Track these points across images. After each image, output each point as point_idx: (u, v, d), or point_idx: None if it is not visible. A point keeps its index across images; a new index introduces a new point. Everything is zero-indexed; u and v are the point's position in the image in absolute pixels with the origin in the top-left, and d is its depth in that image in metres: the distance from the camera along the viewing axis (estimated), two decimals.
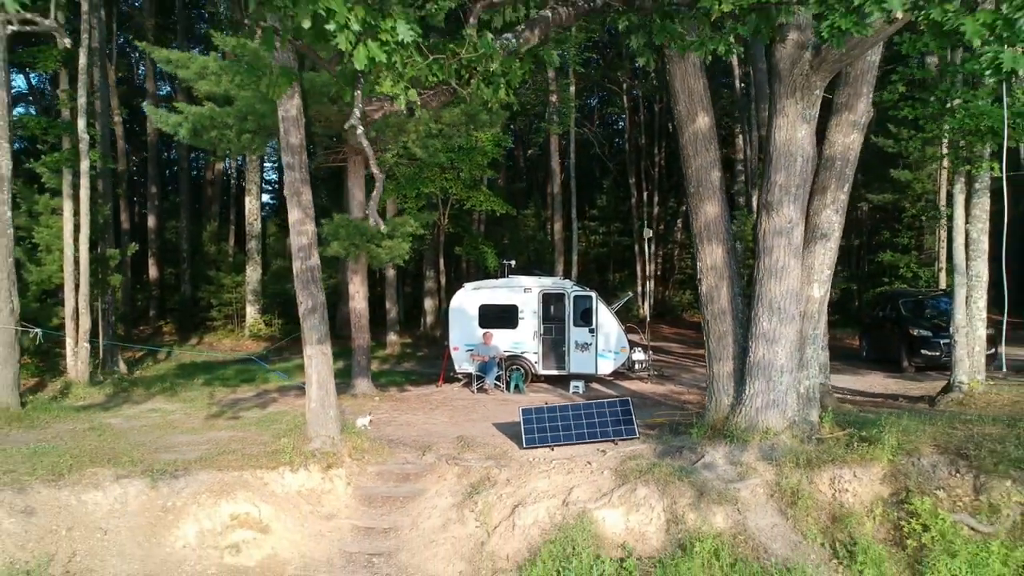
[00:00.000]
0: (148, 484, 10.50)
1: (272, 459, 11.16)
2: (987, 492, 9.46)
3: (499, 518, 10.08)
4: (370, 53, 4.27)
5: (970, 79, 12.27)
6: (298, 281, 11.73)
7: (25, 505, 9.96)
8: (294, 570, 9.91)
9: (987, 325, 19.00)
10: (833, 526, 9.50)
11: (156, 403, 16.82)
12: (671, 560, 9.00)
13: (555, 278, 21.82)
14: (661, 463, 10.38)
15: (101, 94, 21.76)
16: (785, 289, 10.02)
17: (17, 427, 14.09)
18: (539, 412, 12.08)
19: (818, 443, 10.45)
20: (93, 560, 9.62)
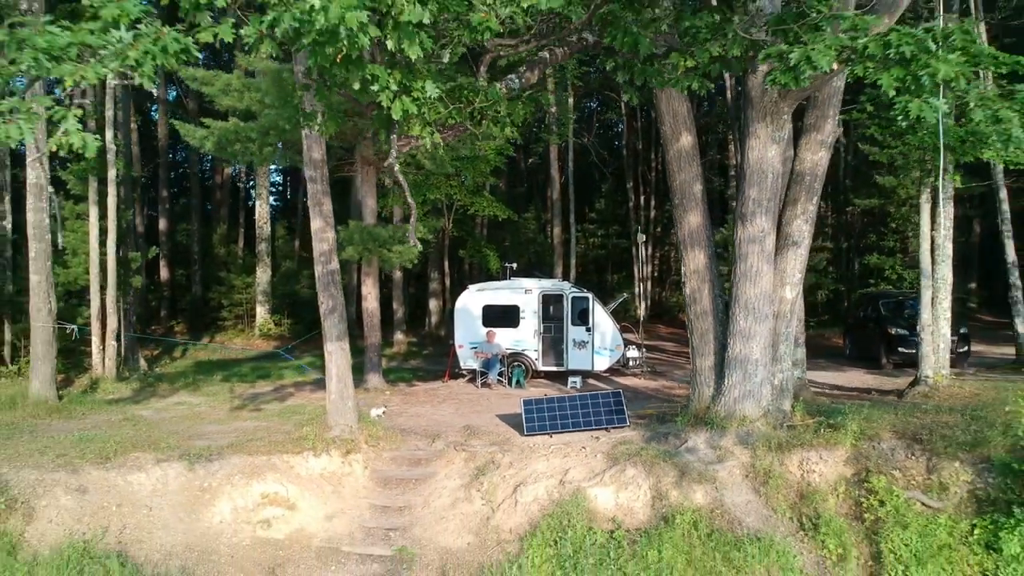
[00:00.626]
0: (186, 467, 11.65)
1: (296, 445, 12.31)
2: (938, 472, 10.64)
3: (502, 496, 11.23)
4: (404, 106, 5.41)
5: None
6: (320, 283, 12.88)
7: (79, 484, 11.11)
8: (319, 542, 11.06)
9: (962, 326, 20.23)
10: (800, 502, 10.67)
11: (181, 397, 17.96)
12: (655, 531, 10.17)
13: (554, 280, 22.96)
14: (648, 447, 11.54)
15: (123, 104, 22.90)
16: (759, 291, 11.18)
17: (57, 417, 15.25)
18: (539, 403, 13.24)
19: (789, 429, 11.62)
20: (141, 532, 10.77)
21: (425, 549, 10.84)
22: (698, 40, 6.64)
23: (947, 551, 9.98)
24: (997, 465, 10.45)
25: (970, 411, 12.03)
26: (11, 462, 11.48)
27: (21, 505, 10.57)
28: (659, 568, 9.79)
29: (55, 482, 11.04)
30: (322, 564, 10.72)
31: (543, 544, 10.29)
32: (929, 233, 14.52)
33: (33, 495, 10.76)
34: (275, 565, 10.65)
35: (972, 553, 9.95)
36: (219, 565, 10.56)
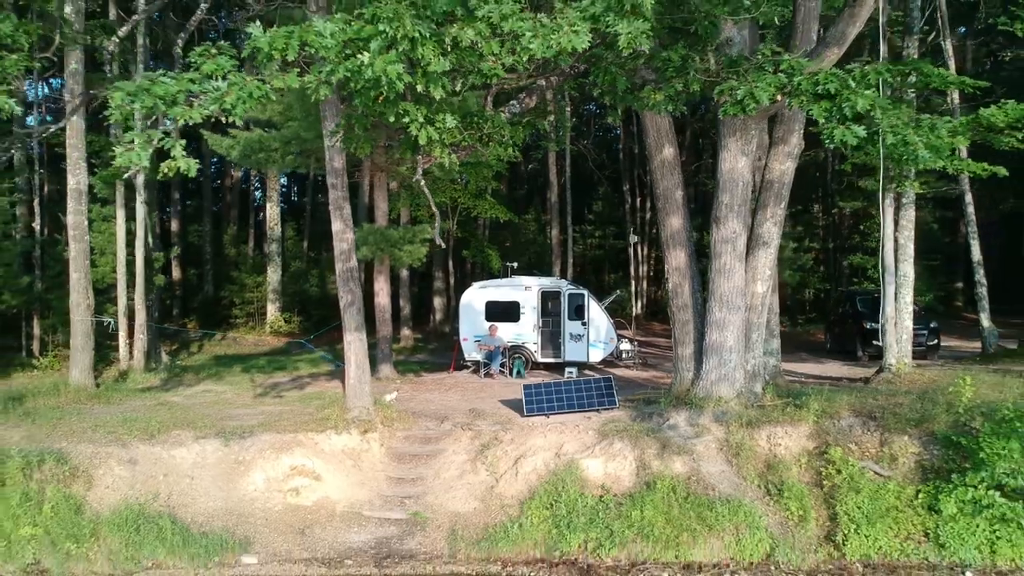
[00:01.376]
0: (222, 443, 13.08)
1: (320, 424, 13.74)
2: (889, 445, 12.08)
3: (504, 468, 12.65)
4: (429, 134, 6.81)
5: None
6: (340, 280, 14.31)
7: (129, 457, 12.55)
8: (343, 508, 12.48)
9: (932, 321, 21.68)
10: (767, 471, 12.10)
11: (206, 386, 19.37)
12: (639, 495, 11.61)
13: (552, 278, 24.40)
14: (634, 425, 12.98)
15: None
16: (732, 286, 12.62)
17: (96, 403, 16.66)
18: (538, 387, 14.67)
19: (760, 409, 13.06)
20: (185, 498, 12.20)
21: (436, 513, 12.26)
22: (666, 76, 8.04)
23: (894, 512, 11.40)
24: (940, 438, 11.90)
25: (920, 393, 13.47)
26: (67, 438, 12.93)
27: (82, 473, 12.01)
28: (641, 525, 11.23)
29: (109, 455, 12.48)
30: (346, 526, 12.15)
31: (540, 507, 11.72)
32: (892, 234, 15.94)
33: (91, 465, 12.20)
34: (304, 527, 12.07)
35: (916, 514, 11.38)
36: (255, 526, 11.98)
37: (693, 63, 7.85)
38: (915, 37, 15.81)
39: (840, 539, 11.25)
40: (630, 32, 5.95)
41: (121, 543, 11.24)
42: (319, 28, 6.01)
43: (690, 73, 7.86)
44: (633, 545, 11.26)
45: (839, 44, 10.38)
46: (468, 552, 11.53)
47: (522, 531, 11.56)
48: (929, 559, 11.06)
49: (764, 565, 11.12)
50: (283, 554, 11.56)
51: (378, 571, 11.24)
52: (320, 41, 5.97)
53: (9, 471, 11.52)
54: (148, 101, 5.85)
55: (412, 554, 11.56)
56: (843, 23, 10.31)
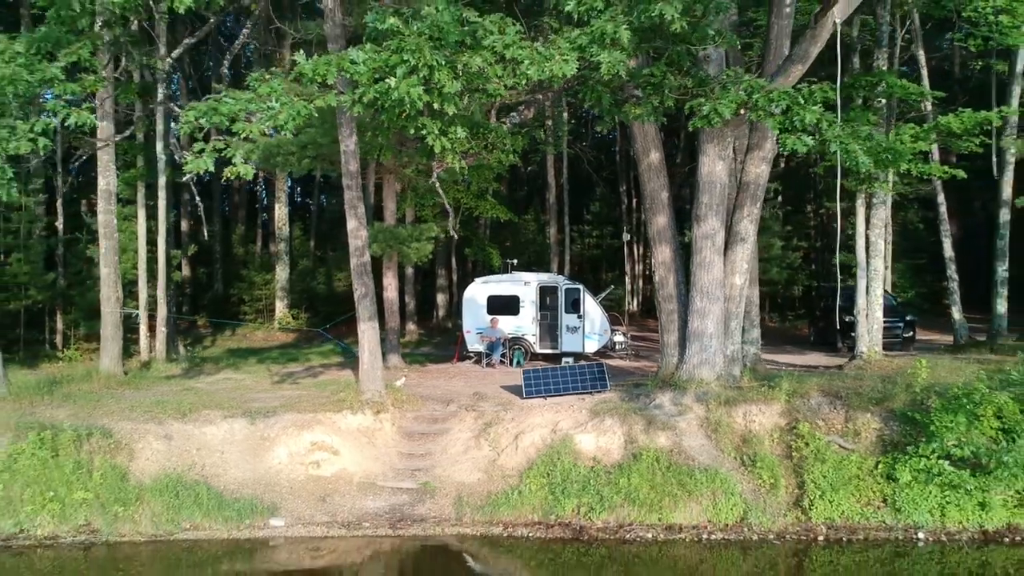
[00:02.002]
0: (248, 422, 14.37)
1: (336, 405, 15.03)
2: (853, 421, 13.40)
3: (505, 443, 13.95)
4: (443, 144, 8.08)
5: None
6: (354, 273, 15.60)
7: (165, 433, 13.84)
8: (359, 479, 13.77)
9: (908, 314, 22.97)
10: (743, 445, 13.41)
11: (226, 374, 20.64)
12: (626, 464, 12.92)
13: (550, 274, 25.68)
14: (624, 404, 14.28)
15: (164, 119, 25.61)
16: (712, 278, 13.92)
17: (126, 389, 17.91)
18: (536, 372, 15.97)
19: (737, 390, 14.36)
20: (217, 470, 13.49)
21: (444, 483, 13.55)
22: (645, 93, 9.29)
23: (856, 481, 12.71)
24: (898, 415, 13.22)
25: (884, 377, 14.78)
26: (108, 417, 14.22)
27: (124, 446, 13.30)
28: (628, 492, 12.54)
29: (147, 431, 13.77)
30: (362, 494, 13.44)
31: (538, 476, 13.03)
32: (864, 232, 17.24)
33: (132, 439, 13.49)
34: (325, 495, 13.37)
35: (875, 482, 12.69)
36: (281, 494, 13.28)
37: (669, 81, 9.12)
38: (884, 50, 17.11)
39: (807, 504, 12.55)
40: (610, 61, 7.22)
41: (163, 507, 12.54)
42: (353, 57, 7.29)
43: (665, 91, 9.16)
44: (621, 509, 12.57)
45: (803, 61, 11.69)
46: (473, 516, 12.83)
47: (521, 497, 12.86)
48: (886, 522, 12.36)
49: (738, 527, 12.43)
50: (307, 518, 12.85)
51: (392, 532, 12.55)
52: (354, 68, 7.25)
53: (62, 442, 12.82)
54: (216, 119, 7.13)
55: (422, 518, 12.85)
56: (806, 43, 11.61)
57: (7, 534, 12.17)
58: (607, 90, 8.76)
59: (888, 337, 22.06)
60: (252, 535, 12.52)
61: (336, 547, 12.38)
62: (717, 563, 11.87)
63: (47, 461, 12.60)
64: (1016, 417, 12.25)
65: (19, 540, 12.17)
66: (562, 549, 12.17)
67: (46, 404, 15.09)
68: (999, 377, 13.45)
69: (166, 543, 12.30)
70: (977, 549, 12.01)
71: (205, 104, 7.29)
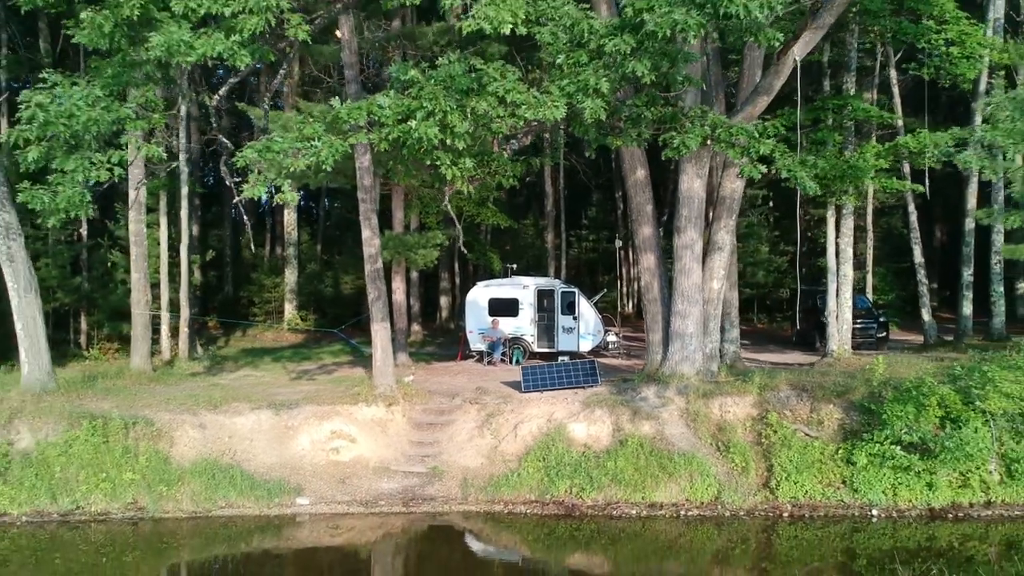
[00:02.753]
0: (273, 413, 15.91)
1: (353, 399, 16.56)
2: (817, 411, 14.95)
3: (506, 432, 15.49)
4: (454, 172, 9.62)
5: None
6: (368, 279, 17.15)
7: (199, 422, 15.39)
8: (374, 463, 15.32)
9: (882, 315, 24.52)
10: (718, 433, 14.96)
11: (245, 372, 22.19)
12: (613, 450, 14.48)
13: (548, 278, 27.22)
14: (612, 397, 15.83)
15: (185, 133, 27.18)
16: (691, 283, 15.48)
17: (156, 384, 19.45)
18: (534, 369, 17.51)
19: (715, 384, 15.92)
20: (247, 455, 15.03)
21: (450, 468, 15.10)
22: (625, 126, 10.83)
23: (818, 464, 14.27)
24: (857, 406, 14.78)
25: (847, 372, 16.35)
26: (147, 408, 15.76)
27: (165, 434, 14.85)
28: (615, 472, 14.11)
29: (183, 421, 15.32)
30: (377, 477, 14.99)
31: (535, 460, 14.59)
32: (835, 240, 18.80)
33: (171, 428, 15.04)
34: (344, 477, 14.92)
35: (835, 466, 14.25)
36: (305, 477, 14.83)
37: (645, 117, 10.65)
38: (852, 74, 18.66)
39: (774, 485, 14.12)
40: (592, 107, 8.75)
41: (201, 487, 14.10)
42: (380, 102, 8.84)
43: (642, 124, 10.70)
44: (608, 489, 14.14)
45: (767, 93, 13.23)
46: (477, 496, 14.39)
47: (520, 479, 14.43)
48: (844, 501, 13.92)
49: (712, 505, 14.00)
50: (328, 498, 14.41)
51: (405, 510, 14.12)
52: (381, 112, 8.78)
53: (112, 430, 14.37)
54: (268, 155, 8.68)
55: (432, 498, 14.41)
56: (771, 77, 13.17)
57: (65, 510, 13.75)
58: (593, 125, 10.28)
59: (863, 337, 23.68)
60: (280, 512, 14.08)
61: (355, 523, 13.94)
62: (694, 537, 13.44)
63: (99, 446, 14.17)
64: (957, 407, 13.80)
65: (76, 516, 13.75)
66: (556, 525, 13.74)
67: (91, 397, 16.61)
68: (947, 372, 15.00)
69: (204, 519, 13.86)
70: (925, 525, 13.57)
71: (260, 143, 8.82)
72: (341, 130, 9.16)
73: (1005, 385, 13.40)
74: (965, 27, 15.20)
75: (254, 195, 9.18)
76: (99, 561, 12.48)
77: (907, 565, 11.22)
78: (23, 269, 16.07)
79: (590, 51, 8.87)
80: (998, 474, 13.95)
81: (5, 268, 16.01)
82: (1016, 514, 13.68)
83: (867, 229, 28.97)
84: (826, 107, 17.44)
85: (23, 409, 15.12)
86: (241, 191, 9.26)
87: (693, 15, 8.05)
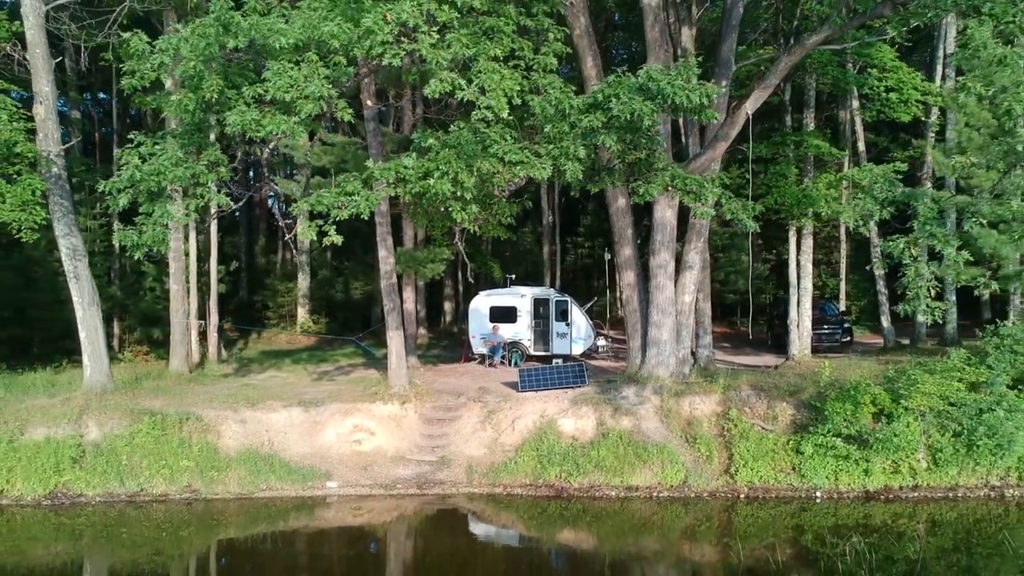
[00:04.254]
0: (303, 409, 18.34)
1: (371, 397, 18.99)
2: (772, 408, 17.37)
3: (505, 426, 17.91)
4: (463, 216, 12.02)
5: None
6: (384, 292, 19.56)
7: (240, 418, 17.82)
8: (392, 453, 17.75)
9: (846, 321, 26.93)
10: (687, 427, 17.39)
11: (271, 373, 24.61)
12: (597, 441, 16.92)
13: (543, 288, 29.67)
14: (597, 396, 18.26)
15: None
16: (665, 297, 17.91)
17: (194, 385, 21.84)
18: (530, 371, 19.95)
19: (686, 384, 18.35)
20: (283, 446, 17.46)
21: (457, 457, 17.52)
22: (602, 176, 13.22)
23: (772, 454, 16.68)
24: (806, 403, 17.19)
25: (801, 374, 18.80)
26: (194, 406, 18.17)
27: (212, 428, 17.29)
28: (598, 460, 16.56)
29: (227, 416, 17.76)
30: (394, 465, 17.43)
31: (529, 450, 17.02)
32: (795, 257, 21.23)
33: (217, 423, 17.48)
34: (366, 465, 17.35)
35: (787, 455, 16.66)
36: (332, 464, 17.26)
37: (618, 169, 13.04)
38: (811, 111, 21.06)
39: (734, 471, 16.53)
40: (572, 169, 11.15)
41: (245, 472, 16.54)
42: (406, 163, 11.24)
43: (615, 175, 13.11)
44: (592, 474, 16.57)
45: (725, 140, 15.65)
46: (480, 480, 16.82)
47: (517, 466, 16.87)
48: (793, 484, 16.33)
49: (680, 487, 16.43)
50: (354, 482, 16.85)
51: (419, 492, 16.56)
52: (407, 171, 11.18)
53: (168, 424, 16.82)
54: (319, 206, 11.10)
55: (441, 482, 16.86)
56: (726, 127, 15.60)
57: (131, 492, 16.19)
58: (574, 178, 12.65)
59: (830, 341, 26.15)
60: (313, 494, 16.53)
61: (377, 504, 16.38)
62: (665, 515, 15.86)
63: (159, 438, 16.61)
64: (888, 405, 16.23)
65: (140, 497, 16.19)
66: (547, 504, 16.18)
67: (143, 396, 19.03)
68: (883, 375, 17.45)
69: (249, 500, 16.31)
70: (861, 505, 15.96)
71: (313, 198, 11.22)
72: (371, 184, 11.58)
73: (926, 386, 15.82)
74: (903, 75, 17.57)
75: (306, 237, 11.61)
76: (160, 535, 14.87)
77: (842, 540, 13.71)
78: (87, 286, 18.50)
79: (570, 123, 11.26)
80: (925, 462, 16.36)
81: (72, 285, 18.44)
82: (939, 496, 16.12)
83: (841, 240, 31.47)
84: (786, 142, 19.83)
85: (89, 406, 17.54)
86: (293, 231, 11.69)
87: (647, 104, 10.49)
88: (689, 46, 19.69)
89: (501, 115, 10.61)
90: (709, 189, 12.47)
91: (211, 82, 10.82)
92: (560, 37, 13.95)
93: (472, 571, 13.74)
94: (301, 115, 10.51)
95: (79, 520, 15.44)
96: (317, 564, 13.94)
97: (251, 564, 13.89)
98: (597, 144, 11.26)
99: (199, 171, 11.83)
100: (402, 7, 9.82)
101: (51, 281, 29.03)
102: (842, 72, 17.39)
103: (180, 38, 10.97)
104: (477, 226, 13.12)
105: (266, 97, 10.59)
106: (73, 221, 18.30)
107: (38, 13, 16.92)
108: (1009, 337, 16.88)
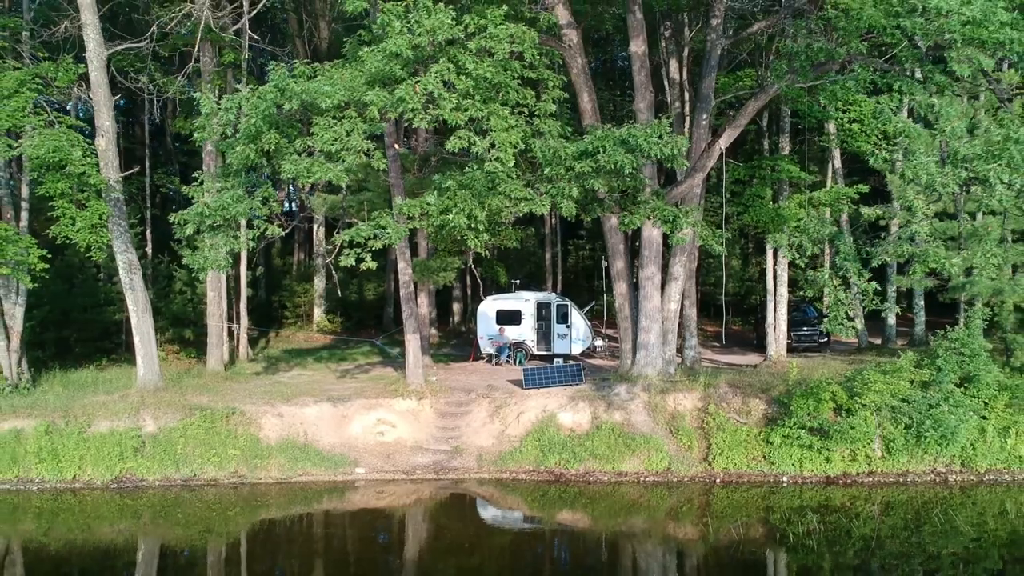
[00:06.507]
0: (331, 405, 20.69)
1: (392, 393, 21.33)
2: (747, 403, 19.67)
3: (511, 419, 20.25)
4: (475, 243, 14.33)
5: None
6: (403, 300, 21.90)
7: (277, 412, 20.18)
8: (411, 443, 20.10)
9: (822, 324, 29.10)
10: (671, 420, 19.70)
11: (297, 371, 26.97)
12: (592, 432, 19.27)
13: (545, 292, 32.02)
14: (592, 393, 20.58)
15: None
16: (652, 305, 20.22)
17: (230, 382, 24.18)
18: (534, 370, 22.27)
19: (672, 382, 20.67)
20: (315, 437, 19.81)
21: (468, 446, 19.86)
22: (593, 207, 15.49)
23: (745, 444, 18.99)
24: (776, 399, 19.50)
25: (774, 373, 21.11)
26: (237, 401, 20.53)
27: (254, 421, 19.66)
28: (592, 449, 18.90)
29: (265, 411, 20.13)
30: (413, 453, 19.79)
31: (532, 440, 19.37)
32: (772, 267, 23.50)
33: (257, 416, 19.85)
34: (389, 454, 19.71)
35: (758, 444, 18.96)
36: (359, 452, 19.63)
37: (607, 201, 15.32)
38: (786, 135, 23.29)
39: (711, 459, 18.83)
40: (567, 207, 13.44)
41: (285, 460, 18.92)
42: (430, 201, 13.56)
43: (604, 204, 15.39)
44: (587, 461, 18.91)
45: (702, 170, 17.92)
46: (489, 467, 19.17)
47: (521, 455, 19.21)
48: (763, 471, 18.63)
49: (665, 473, 18.76)
50: (378, 468, 19.22)
51: (436, 477, 18.93)
52: (430, 207, 13.48)
53: (216, 418, 19.21)
54: (359, 237, 13.44)
55: (455, 468, 19.22)
56: (704, 159, 17.86)
57: (185, 477, 18.58)
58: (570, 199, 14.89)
59: (809, 342, 28.48)
60: (344, 479, 18.91)
61: (399, 488, 18.74)
62: (651, 498, 18.20)
63: (208, 430, 19.00)
64: (845, 401, 18.52)
65: (193, 482, 18.58)
66: (548, 488, 18.53)
67: (189, 393, 21.39)
68: (844, 375, 19.75)
69: (288, 484, 18.69)
70: (823, 489, 18.26)
71: (353, 229, 13.54)
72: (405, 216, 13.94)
73: (877, 385, 18.13)
74: (864, 108, 19.76)
75: (347, 264, 13.94)
76: (210, 515, 17.24)
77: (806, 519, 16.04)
78: (141, 296, 20.88)
79: (566, 167, 13.55)
80: (879, 451, 18.65)
81: (128, 295, 20.82)
82: (891, 481, 18.41)
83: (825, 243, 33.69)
84: (762, 165, 22.05)
85: (144, 403, 19.93)
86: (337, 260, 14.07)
87: (629, 157, 12.79)
88: (676, 76, 21.95)
89: (508, 165, 12.91)
90: (683, 219, 14.79)
91: (269, 136, 13.14)
92: (559, 84, 16.29)
93: (482, 546, 16.09)
94: (345, 163, 12.82)
95: (141, 502, 17.81)
96: (350, 538, 16.35)
97: (293, 540, 16.29)
98: (587, 185, 13.60)
99: (255, 206, 14.17)
100: (428, 80, 12.12)
101: (90, 286, 31.53)
102: (809, 105, 19.61)
103: (242, 97, 13.31)
104: (485, 247, 15.34)
105: (314, 148, 12.90)
106: (129, 239, 20.68)
107: (100, 57, 19.26)
108: (957, 341, 19.15)
